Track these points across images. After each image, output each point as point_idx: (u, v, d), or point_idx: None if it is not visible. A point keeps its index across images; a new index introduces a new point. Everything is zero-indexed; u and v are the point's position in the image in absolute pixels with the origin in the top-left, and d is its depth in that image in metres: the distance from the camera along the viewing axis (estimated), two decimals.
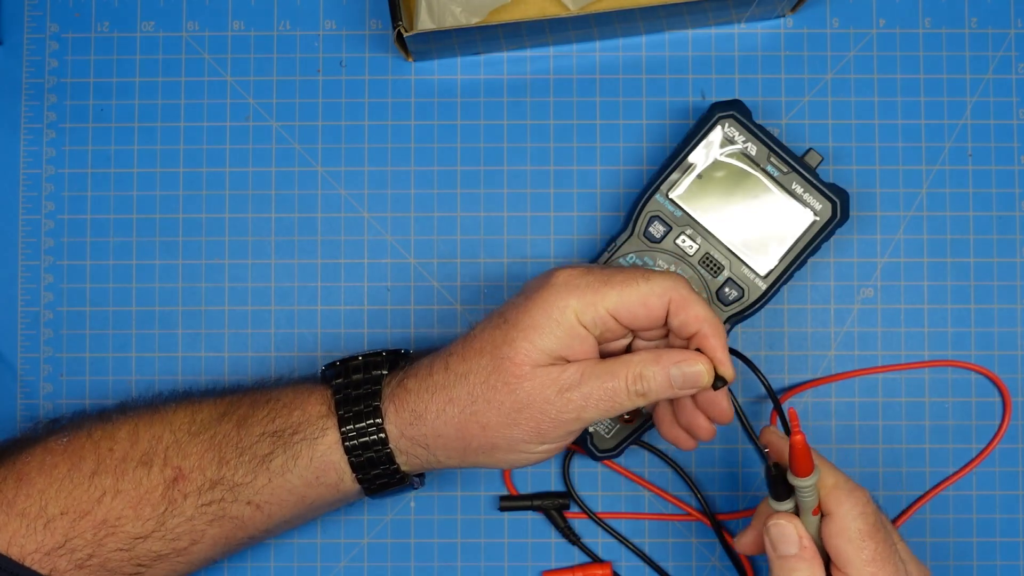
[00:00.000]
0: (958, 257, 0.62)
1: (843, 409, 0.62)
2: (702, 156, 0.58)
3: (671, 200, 0.58)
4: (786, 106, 0.63)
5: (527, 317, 0.50)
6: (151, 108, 0.62)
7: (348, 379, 0.53)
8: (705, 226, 0.58)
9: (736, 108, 0.58)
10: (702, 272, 0.58)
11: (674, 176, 0.58)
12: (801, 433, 0.48)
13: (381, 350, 0.56)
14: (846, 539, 0.49)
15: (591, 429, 0.58)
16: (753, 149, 0.58)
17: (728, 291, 0.58)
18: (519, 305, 0.51)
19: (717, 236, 0.58)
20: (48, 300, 0.62)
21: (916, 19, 0.63)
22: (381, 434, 0.51)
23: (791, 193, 0.57)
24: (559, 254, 0.62)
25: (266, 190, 0.62)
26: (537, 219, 0.62)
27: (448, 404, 0.51)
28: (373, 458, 0.52)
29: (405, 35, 0.57)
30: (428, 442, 0.52)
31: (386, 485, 0.53)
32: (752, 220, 0.58)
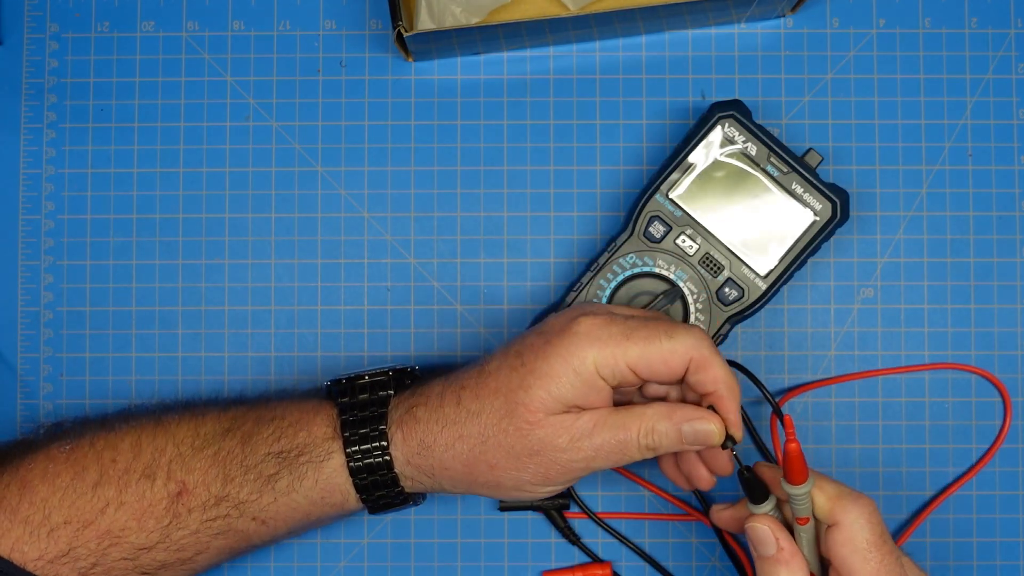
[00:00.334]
0: (958, 257, 0.62)
1: (843, 409, 0.62)
2: (702, 156, 0.58)
3: (671, 200, 0.58)
4: (786, 106, 0.63)
5: (545, 364, 0.49)
6: (151, 108, 0.62)
7: (354, 399, 0.53)
8: (705, 226, 0.58)
9: (736, 108, 0.58)
10: (702, 272, 0.58)
11: (674, 176, 0.58)
12: (796, 441, 0.48)
13: (388, 368, 0.55)
14: (852, 548, 0.48)
15: None
16: (753, 149, 0.58)
17: (728, 291, 0.58)
18: (538, 349, 0.50)
19: (717, 236, 0.58)
20: (48, 300, 0.62)
21: (916, 19, 0.63)
22: (386, 457, 0.52)
23: (791, 193, 0.57)
24: (559, 254, 0.62)
25: (266, 190, 0.62)
26: (537, 219, 0.62)
27: (458, 440, 0.51)
28: (378, 481, 0.52)
29: (405, 35, 0.57)
30: (434, 472, 0.52)
31: (389, 504, 0.54)
32: (752, 220, 0.58)
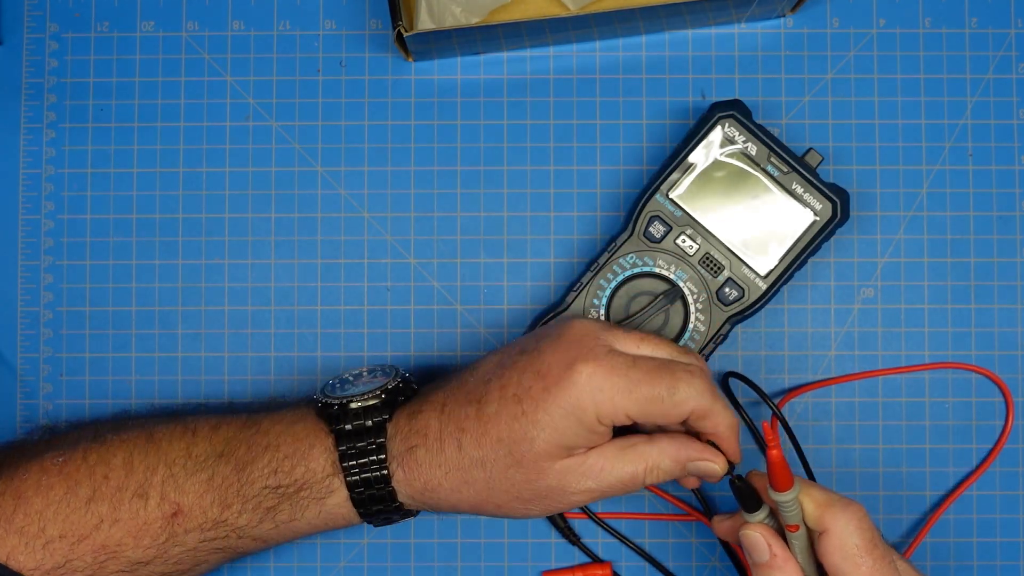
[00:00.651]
0: (958, 257, 0.62)
1: (843, 409, 0.62)
2: (702, 156, 0.58)
3: (671, 200, 0.58)
4: (786, 106, 0.63)
5: (547, 416, 0.49)
6: (151, 108, 0.62)
7: (350, 424, 0.52)
8: (705, 226, 0.58)
9: (736, 108, 0.58)
10: (702, 272, 0.58)
11: (674, 176, 0.58)
12: (778, 448, 0.48)
13: (379, 389, 0.53)
14: (842, 555, 0.48)
15: None
16: (753, 149, 0.58)
17: (728, 291, 0.57)
18: (537, 397, 0.50)
19: (717, 236, 0.58)
20: (48, 300, 0.62)
21: (916, 19, 0.63)
22: (389, 489, 0.52)
23: (791, 193, 0.57)
24: (559, 254, 0.62)
25: (266, 190, 0.62)
26: (537, 219, 0.62)
27: (464, 485, 0.51)
28: (382, 509, 0.53)
29: (405, 35, 0.57)
30: (441, 507, 0.53)
31: (392, 520, 0.54)
32: (752, 220, 0.58)
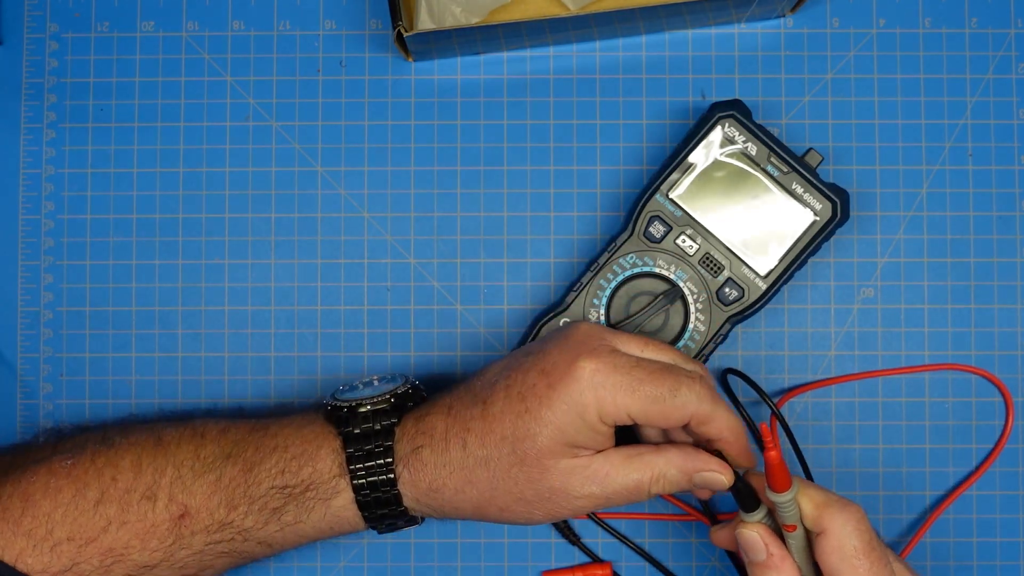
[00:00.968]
0: (958, 257, 0.62)
1: (843, 409, 0.62)
2: (702, 156, 0.58)
3: (671, 200, 0.58)
4: (786, 106, 0.63)
5: (549, 412, 0.49)
6: (151, 108, 0.62)
7: (357, 428, 0.52)
8: (705, 226, 0.58)
9: (736, 108, 0.58)
10: (702, 272, 0.58)
11: (674, 176, 0.58)
12: (776, 449, 0.48)
13: (388, 393, 0.54)
14: (840, 556, 0.48)
15: None
16: (753, 149, 0.58)
17: (728, 291, 0.57)
18: (541, 394, 0.50)
19: (717, 236, 0.58)
20: (48, 300, 0.62)
21: (916, 19, 0.63)
22: (395, 493, 0.52)
23: (791, 193, 0.57)
24: (559, 254, 0.62)
25: (266, 190, 0.62)
26: (537, 219, 0.62)
27: (467, 485, 0.51)
28: (387, 513, 0.53)
29: (405, 35, 0.57)
30: (444, 511, 0.53)
31: (396, 527, 0.54)
32: (752, 220, 0.58)
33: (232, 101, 0.62)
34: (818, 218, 0.57)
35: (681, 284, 0.57)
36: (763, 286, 0.58)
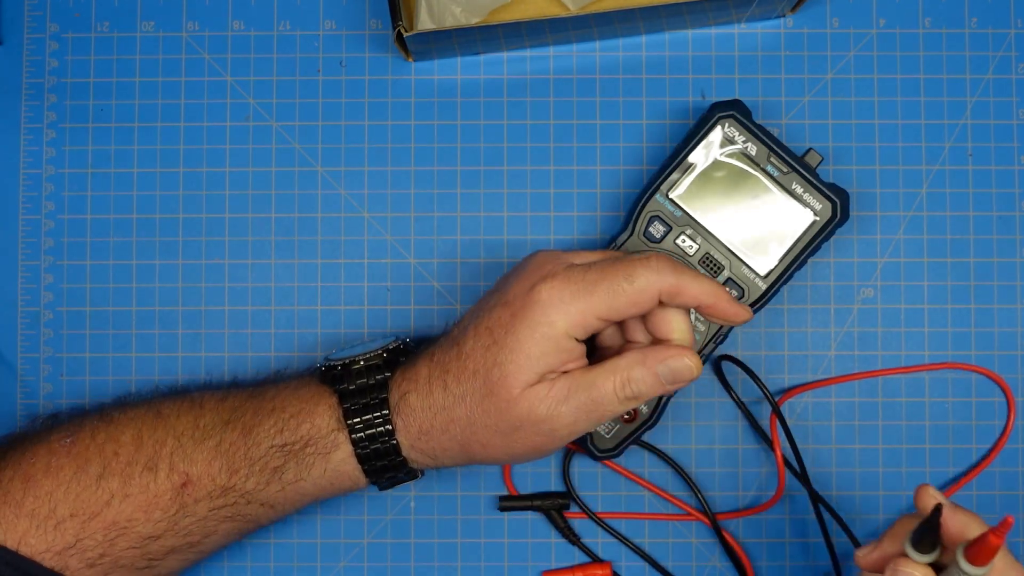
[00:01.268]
0: (958, 257, 0.62)
1: (843, 409, 0.62)
2: (702, 156, 0.58)
3: (671, 200, 0.58)
4: (786, 106, 0.63)
5: (514, 339, 0.50)
6: (151, 108, 0.62)
7: (352, 384, 0.53)
8: (705, 226, 0.58)
9: (736, 108, 0.58)
10: (702, 272, 0.57)
11: (674, 176, 0.58)
12: (1001, 539, 0.43)
13: (380, 349, 0.55)
14: None
15: None
16: (753, 149, 0.58)
17: (728, 291, 0.57)
18: (505, 323, 0.50)
19: (717, 236, 0.58)
20: (48, 300, 0.62)
21: (916, 19, 0.63)
22: (393, 442, 0.52)
23: (791, 193, 0.57)
24: None
25: (266, 190, 0.62)
26: (537, 219, 0.62)
27: (450, 424, 0.52)
28: (387, 464, 0.53)
29: (405, 35, 0.57)
30: (436, 454, 0.53)
31: (396, 481, 0.55)
32: (752, 220, 0.58)
33: (232, 101, 0.62)
34: (818, 218, 0.57)
35: None
36: (763, 286, 0.58)
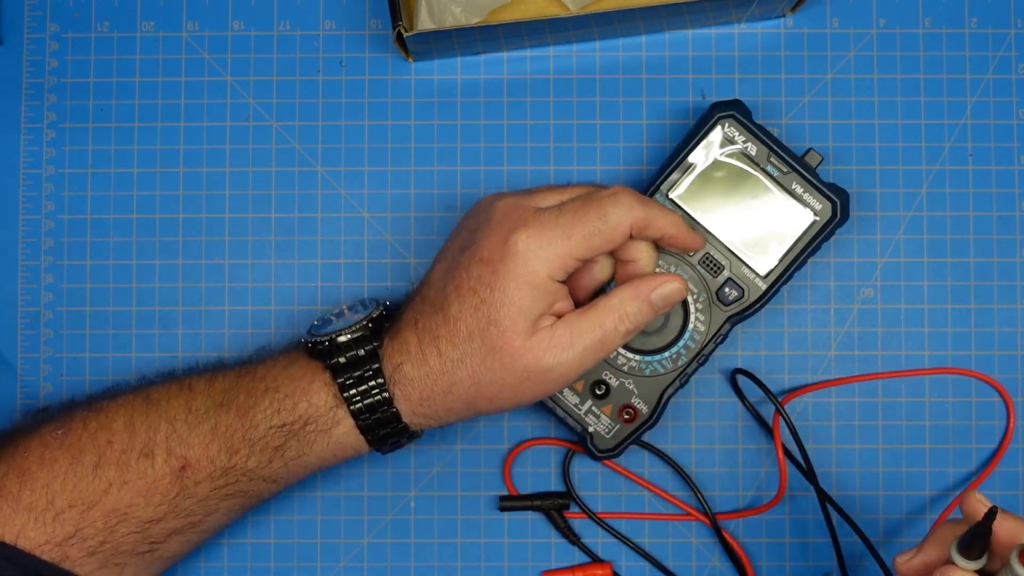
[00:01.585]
0: (958, 257, 0.62)
1: (843, 409, 0.62)
2: (702, 156, 0.58)
3: (671, 200, 0.58)
4: (786, 106, 0.63)
5: (502, 295, 0.51)
6: (151, 108, 0.62)
7: (343, 357, 0.53)
8: (705, 226, 0.58)
9: (736, 108, 0.58)
10: (702, 272, 0.58)
11: (674, 176, 0.58)
12: None
13: (364, 319, 0.54)
14: None
15: (591, 429, 0.58)
16: (753, 149, 0.58)
17: (728, 291, 0.58)
18: (488, 280, 0.51)
19: (717, 236, 0.58)
20: (48, 300, 0.62)
21: (916, 19, 0.63)
22: (393, 410, 0.53)
23: (791, 193, 0.57)
24: None
25: (266, 190, 0.62)
26: None
27: (452, 387, 0.52)
28: (389, 432, 0.53)
29: (405, 35, 0.57)
30: (440, 416, 0.54)
31: (399, 445, 0.55)
32: (752, 220, 0.58)
33: (232, 101, 0.62)
34: (818, 218, 0.57)
35: None
36: (763, 286, 0.58)
